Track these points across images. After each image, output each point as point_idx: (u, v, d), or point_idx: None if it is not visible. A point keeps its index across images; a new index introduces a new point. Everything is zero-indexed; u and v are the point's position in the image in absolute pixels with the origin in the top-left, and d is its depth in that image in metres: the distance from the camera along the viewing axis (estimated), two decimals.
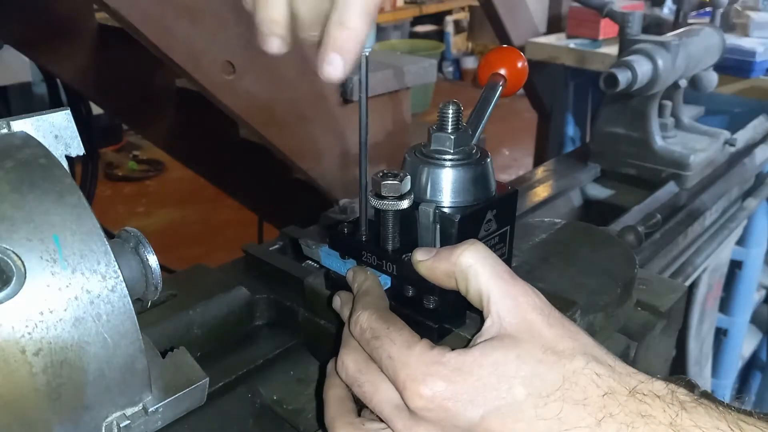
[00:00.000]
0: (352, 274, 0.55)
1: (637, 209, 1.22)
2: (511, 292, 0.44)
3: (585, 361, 0.41)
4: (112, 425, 0.41)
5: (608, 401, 0.39)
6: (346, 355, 0.48)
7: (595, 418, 0.39)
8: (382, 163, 1.57)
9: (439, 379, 0.42)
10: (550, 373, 0.41)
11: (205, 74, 1.23)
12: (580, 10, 2.17)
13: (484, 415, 0.41)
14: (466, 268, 0.46)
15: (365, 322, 0.47)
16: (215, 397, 0.59)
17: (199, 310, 0.66)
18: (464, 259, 0.46)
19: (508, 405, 0.40)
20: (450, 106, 0.55)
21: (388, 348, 0.45)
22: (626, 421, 0.38)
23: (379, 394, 0.45)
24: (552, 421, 0.39)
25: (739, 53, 1.84)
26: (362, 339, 0.47)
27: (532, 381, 0.41)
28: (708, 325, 1.59)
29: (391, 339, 0.45)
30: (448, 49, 6.18)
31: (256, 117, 1.34)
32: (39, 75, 2.48)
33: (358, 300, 0.51)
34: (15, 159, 0.40)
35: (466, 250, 0.46)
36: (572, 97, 2.34)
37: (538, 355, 0.41)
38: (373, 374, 0.46)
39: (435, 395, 0.42)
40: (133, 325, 0.40)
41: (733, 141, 1.44)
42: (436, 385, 0.42)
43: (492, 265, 0.45)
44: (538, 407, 0.40)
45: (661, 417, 0.38)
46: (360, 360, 0.47)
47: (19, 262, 0.36)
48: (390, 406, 0.44)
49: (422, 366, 0.43)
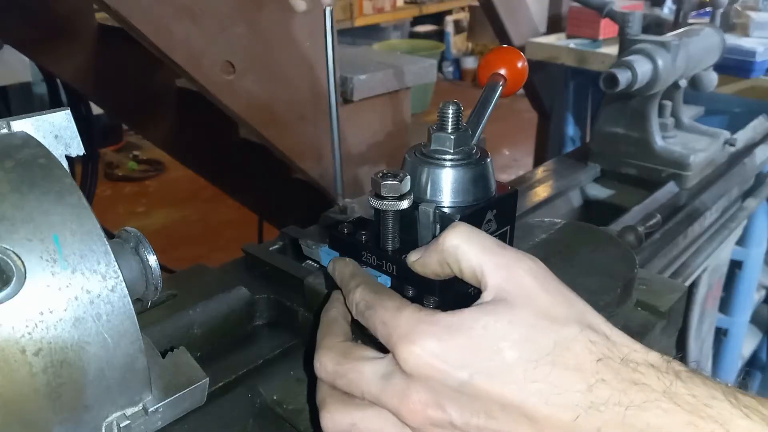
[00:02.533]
0: (333, 264, 0.56)
1: (637, 209, 1.21)
2: (502, 262, 0.44)
3: (579, 328, 0.41)
4: (112, 425, 0.41)
5: (601, 367, 0.39)
6: (322, 354, 0.48)
7: (587, 384, 0.38)
8: (382, 163, 1.57)
9: (429, 337, 0.42)
10: (541, 337, 0.41)
11: (205, 74, 1.23)
12: (580, 10, 2.17)
13: (473, 375, 0.41)
14: (453, 250, 0.46)
15: (358, 295, 0.48)
16: (215, 397, 0.59)
17: (199, 310, 0.66)
18: (449, 242, 0.46)
19: (497, 366, 0.40)
20: (450, 106, 0.55)
21: (381, 314, 0.45)
22: (619, 387, 0.38)
23: (364, 373, 0.45)
24: (542, 384, 0.39)
25: (739, 53, 1.84)
26: (357, 312, 0.48)
27: (522, 345, 0.40)
28: (708, 325, 1.59)
29: (383, 306, 0.46)
30: (448, 49, 6.18)
31: (256, 117, 1.34)
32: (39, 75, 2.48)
33: (347, 283, 0.51)
34: (15, 159, 0.40)
35: (449, 233, 0.46)
36: (572, 97, 2.34)
37: (531, 320, 0.41)
38: (355, 360, 0.46)
39: (425, 353, 0.41)
40: (133, 325, 0.40)
41: (733, 141, 1.44)
42: (426, 343, 0.42)
43: (478, 240, 0.46)
44: (527, 370, 0.40)
45: (655, 385, 0.38)
46: (338, 354, 0.47)
47: (19, 262, 0.36)
48: (377, 379, 0.44)
49: (412, 325, 0.43)
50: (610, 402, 0.38)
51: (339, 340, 0.49)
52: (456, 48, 6.31)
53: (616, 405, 0.38)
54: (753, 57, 1.84)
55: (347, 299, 0.50)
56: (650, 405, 0.37)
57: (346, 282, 0.52)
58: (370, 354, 0.47)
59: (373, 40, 5.35)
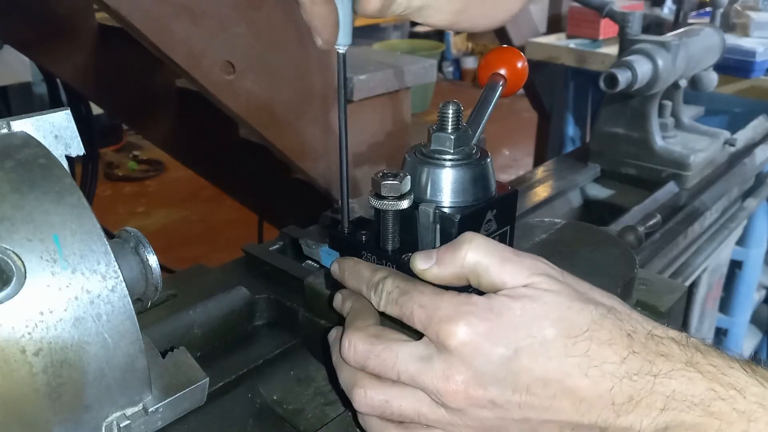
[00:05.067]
0: (340, 264, 0.56)
1: (637, 209, 1.21)
2: (520, 268, 0.46)
3: (608, 308, 0.45)
4: (112, 425, 0.41)
5: (631, 342, 0.43)
6: (352, 334, 0.48)
7: (620, 356, 0.42)
8: (382, 163, 1.57)
9: (473, 317, 0.44)
10: (578, 317, 0.44)
11: (205, 74, 1.23)
12: (580, 10, 2.17)
13: (517, 351, 0.43)
14: (474, 266, 0.47)
15: (390, 284, 0.49)
16: (215, 397, 0.59)
17: (199, 310, 0.66)
18: (470, 259, 0.47)
19: (539, 343, 0.43)
20: (450, 106, 0.55)
21: (419, 298, 0.46)
22: (648, 358, 0.42)
23: (400, 354, 0.46)
24: (581, 358, 0.42)
25: (739, 53, 1.84)
26: (389, 300, 0.49)
27: (561, 323, 0.43)
28: (708, 325, 1.59)
29: (420, 291, 0.47)
30: (448, 49, 6.18)
31: (256, 117, 1.34)
32: (39, 75, 2.48)
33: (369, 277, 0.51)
34: (15, 159, 0.40)
35: (469, 249, 0.47)
36: (572, 97, 2.35)
37: (566, 303, 0.44)
38: (389, 342, 0.47)
39: (470, 331, 0.43)
40: (133, 325, 0.40)
41: (733, 141, 1.44)
42: (471, 322, 0.44)
43: (497, 252, 0.47)
44: (567, 346, 0.43)
45: (678, 356, 0.42)
46: (369, 336, 0.48)
47: (19, 262, 0.36)
48: (414, 360, 0.45)
49: (455, 306, 0.45)
50: (641, 372, 0.42)
51: (370, 323, 0.50)
52: (456, 48, 6.31)
53: (646, 374, 0.42)
54: (753, 57, 1.84)
55: (373, 291, 0.50)
56: (675, 373, 0.41)
57: (368, 276, 0.52)
58: (403, 337, 0.47)
59: (373, 40, 5.35)
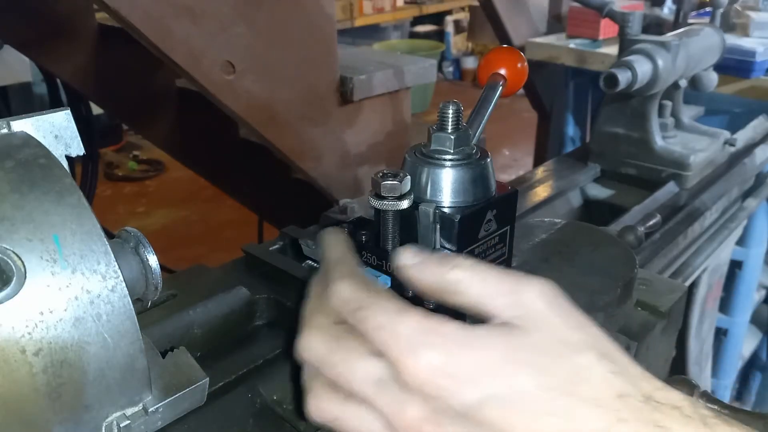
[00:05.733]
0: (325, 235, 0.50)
1: (637, 209, 1.21)
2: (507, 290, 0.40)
3: (597, 357, 0.37)
4: (112, 425, 0.41)
5: (621, 405, 0.35)
6: (311, 335, 0.42)
7: (606, 422, 0.35)
8: (382, 163, 1.57)
9: (436, 350, 0.37)
10: (557, 365, 0.37)
11: (205, 74, 1.23)
12: (580, 10, 2.16)
13: (484, 399, 0.36)
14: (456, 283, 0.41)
15: (346, 291, 0.42)
16: (215, 397, 0.59)
17: (199, 310, 0.66)
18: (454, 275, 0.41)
19: (513, 393, 0.36)
20: (450, 106, 0.55)
21: (379, 317, 0.39)
22: (640, 429, 0.35)
23: (356, 372, 0.39)
24: (560, 419, 0.35)
25: (739, 53, 1.84)
26: (344, 310, 0.41)
27: (539, 372, 0.36)
28: (708, 325, 1.59)
29: (381, 306, 0.40)
30: (448, 49, 6.18)
31: (256, 117, 1.34)
32: (39, 75, 2.47)
33: (331, 269, 0.45)
34: (15, 159, 0.40)
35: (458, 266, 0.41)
36: (572, 97, 2.35)
37: (545, 346, 0.37)
38: (347, 352, 0.40)
39: (431, 368, 0.37)
40: (133, 325, 0.40)
41: (733, 141, 1.44)
42: (433, 357, 0.37)
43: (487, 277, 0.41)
44: (546, 401, 0.36)
45: (679, 430, 0.34)
46: (328, 339, 0.41)
47: (19, 262, 0.36)
48: (371, 382, 0.39)
49: (417, 335, 0.38)
50: None
51: (331, 321, 0.42)
52: (456, 48, 6.31)
53: None
54: (753, 57, 1.84)
55: (329, 286, 0.43)
56: None
57: (332, 266, 0.45)
58: (364, 348, 0.40)
59: (373, 40, 5.36)
